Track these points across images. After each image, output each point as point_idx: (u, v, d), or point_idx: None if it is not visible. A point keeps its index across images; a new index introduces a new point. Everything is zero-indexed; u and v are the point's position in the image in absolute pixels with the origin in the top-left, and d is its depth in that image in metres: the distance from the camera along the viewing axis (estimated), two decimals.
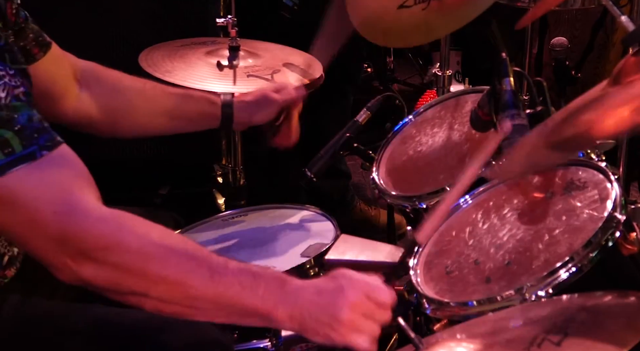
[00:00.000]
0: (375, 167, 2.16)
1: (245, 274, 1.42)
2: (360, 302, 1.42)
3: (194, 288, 1.39)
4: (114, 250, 1.38)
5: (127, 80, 2.03)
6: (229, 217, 2.17)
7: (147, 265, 1.39)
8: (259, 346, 1.85)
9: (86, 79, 1.98)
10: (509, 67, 1.84)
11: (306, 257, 1.93)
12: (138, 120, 2.03)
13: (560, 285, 1.46)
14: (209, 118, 2.06)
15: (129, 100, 2.01)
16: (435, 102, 2.31)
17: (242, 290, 1.40)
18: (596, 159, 1.72)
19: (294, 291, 1.43)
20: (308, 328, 1.42)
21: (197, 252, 1.42)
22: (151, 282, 1.39)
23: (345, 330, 1.41)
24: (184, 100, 2.05)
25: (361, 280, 1.45)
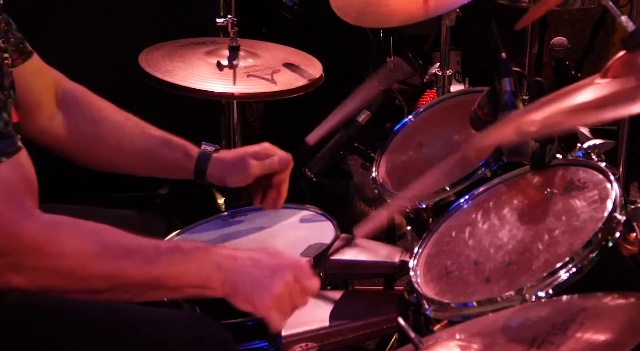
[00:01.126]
0: (375, 167, 2.16)
1: (177, 253, 1.53)
2: (292, 283, 1.54)
3: (130, 277, 1.49)
4: (52, 256, 1.44)
5: (108, 112, 1.96)
6: (229, 217, 2.17)
7: (84, 266, 1.46)
8: (259, 346, 1.85)
9: (66, 100, 1.93)
10: (509, 67, 1.84)
11: (306, 257, 1.92)
12: (107, 155, 1.97)
13: (561, 286, 1.46)
14: (182, 169, 1.98)
15: (102, 132, 1.95)
16: (435, 102, 2.31)
17: (176, 269, 1.51)
18: (596, 159, 1.72)
19: (228, 260, 1.54)
20: (239, 294, 1.53)
21: (129, 244, 1.51)
22: (89, 280, 1.48)
23: (272, 304, 1.53)
24: (160, 145, 1.97)
25: (296, 263, 1.60)
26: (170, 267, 1.51)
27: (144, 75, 2.39)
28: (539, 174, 1.76)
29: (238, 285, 1.53)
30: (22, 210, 1.44)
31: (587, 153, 1.74)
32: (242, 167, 1.97)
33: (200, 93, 2.35)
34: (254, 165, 1.97)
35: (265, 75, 2.41)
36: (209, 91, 2.35)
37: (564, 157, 1.75)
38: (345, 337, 1.76)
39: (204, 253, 1.55)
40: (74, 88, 1.96)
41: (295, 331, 1.73)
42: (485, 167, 1.90)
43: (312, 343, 1.71)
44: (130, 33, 2.82)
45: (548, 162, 1.74)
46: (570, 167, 1.71)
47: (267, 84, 2.37)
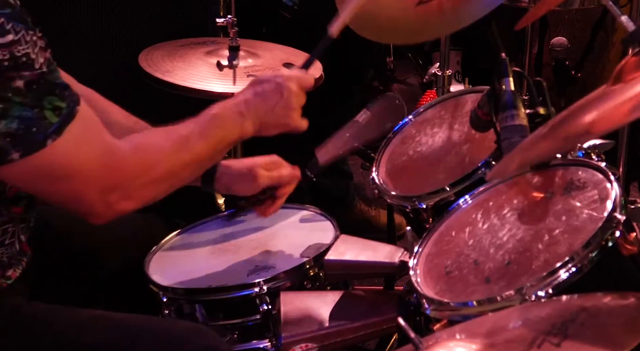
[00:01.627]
0: (375, 167, 2.16)
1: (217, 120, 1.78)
2: (297, 89, 1.85)
3: (202, 155, 1.75)
4: (148, 171, 1.64)
5: (117, 115, 1.97)
6: (229, 217, 2.17)
7: (173, 165, 1.69)
8: (259, 346, 1.85)
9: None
10: (509, 67, 1.84)
11: (306, 257, 1.93)
12: None
13: (560, 285, 1.46)
14: None
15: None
16: (435, 102, 2.31)
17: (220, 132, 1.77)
18: (596, 159, 1.72)
19: (247, 110, 1.81)
20: (269, 126, 1.84)
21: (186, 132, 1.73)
22: (180, 173, 1.72)
23: (296, 115, 1.86)
24: None
25: (287, 74, 1.88)
26: (219, 132, 1.76)
27: (144, 75, 2.39)
28: (539, 174, 1.76)
29: (264, 120, 1.81)
30: (112, 146, 1.59)
31: (587, 153, 1.74)
32: (250, 177, 1.99)
33: (200, 93, 2.35)
34: (262, 176, 2.00)
35: None
36: (209, 91, 2.35)
37: (564, 157, 1.75)
38: (345, 337, 1.76)
39: (229, 110, 1.80)
40: (83, 91, 1.92)
41: (295, 332, 1.73)
42: (485, 167, 1.90)
43: (312, 344, 1.72)
44: (130, 33, 2.82)
45: (548, 161, 1.74)
46: (570, 166, 1.71)
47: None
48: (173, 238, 2.07)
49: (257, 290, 1.83)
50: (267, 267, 1.92)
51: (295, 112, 1.84)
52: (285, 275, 1.87)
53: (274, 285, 1.85)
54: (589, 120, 1.41)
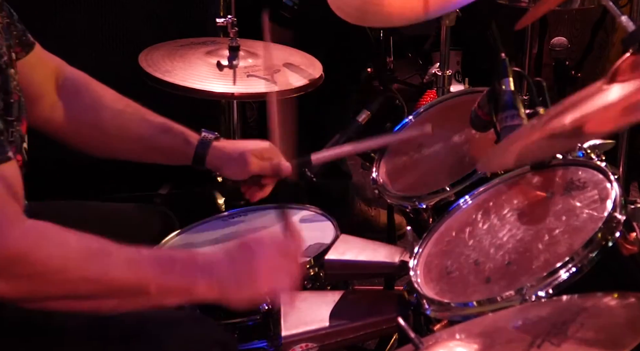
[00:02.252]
0: (375, 167, 2.16)
1: (161, 258, 1.52)
2: (272, 259, 1.54)
3: (114, 280, 1.45)
4: (36, 261, 1.40)
5: (108, 99, 1.95)
6: (229, 217, 2.17)
7: (68, 269, 1.43)
8: (259, 346, 1.85)
9: (68, 88, 1.93)
10: (509, 67, 1.84)
11: (306, 257, 1.93)
12: (107, 142, 1.96)
13: (561, 285, 1.46)
14: (181, 155, 1.98)
15: (103, 120, 1.94)
16: (435, 102, 2.31)
17: (160, 273, 1.48)
18: (596, 159, 1.72)
19: (208, 265, 1.52)
20: (229, 294, 1.52)
21: (112, 248, 1.47)
22: (73, 284, 1.44)
23: (265, 283, 1.53)
24: (160, 131, 1.97)
25: (267, 239, 1.59)
26: (155, 272, 1.48)
27: (144, 75, 2.39)
28: (539, 174, 1.76)
29: (224, 286, 1.51)
30: (6, 216, 1.40)
31: (587, 153, 1.74)
32: (241, 162, 1.97)
33: (200, 93, 2.35)
34: (253, 163, 1.97)
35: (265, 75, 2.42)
36: (209, 91, 2.35)
37: (563, 157, 1.75)
38: (345, 337, 1.76)
39: (187, 258, 1.54)
40: (75, 74, 1.95)
41: (295, 332, 1.72)
42: None
43: (312, 343, 1.71)
44: (130, 33, 2.82)
45: (548, 162, 1.74)
46: (570, 166, 1.71)
47: (267, 84, 2.37)
48: (173, 238, 2.07)
49: None
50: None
51: (262, 283, 1.54)
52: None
53: None
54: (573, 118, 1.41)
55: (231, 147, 2.00)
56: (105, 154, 2.01)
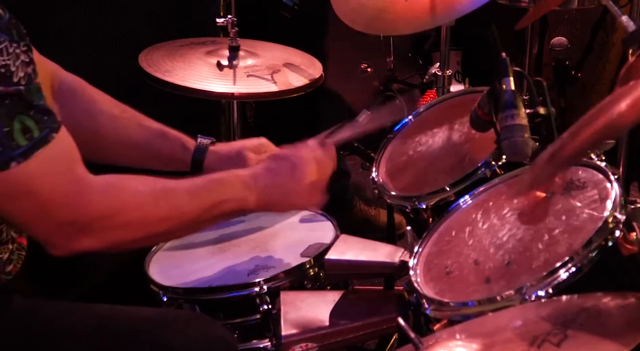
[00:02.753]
0: (375, 167, 2.16)
1: (214, 183, 1.69)
2: (311, 169, 1.77)
3: (185, 214, 1.62)
4: (117, 214, 1.53)
5: (104, 104, 1.93)
6: None
7: (146, 214, 1.57)
8: (259, 346, 1.85)
9: (63, 92, 1.90)
10: (509, 67, 1.84)
11: (306, 257, 1.93)
12: (103, 148, 1.93)
13: (560, 285, 1.46)
14: (179, 161, 1.97)
15: (99, 125, 1.92)
16: (435, 102, 2.31)
17: (217, 197, 1.67)
18: (596, 159, 1.72)
19: (254, 183, 1.72)
20: (276, 205, 1.77)
21: (170, 184, 1.63)
22: (152, 226, 1.59)
23: (307, 196, 1.78)
24: (156, 137, 1.96)
25: (304, 151, 1.80)
26: (213, 196, 1.66)
27: (144, 75, 2.39)
28: None
29: (272, 198, 1.74)
30: (82, 180, 1.50)
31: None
32: (239, 160, 1.97)
33: (200, 93, 2.36)
34: (251, 159, 1.98)
35: (265, 75, 2.42)
36: (209, 91, 2.35)
37: None
38: (345, 337, 1.76)
39: (234, 178, 1.71)
40: (70, 79, 1.93)
41: (295, 331, 1.73)
42: (485, 167, 1.90)
43: (312, 343, 1.71)
44: (130, 33, 2.82)
45: None
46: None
47: (267, 84, 2.37)
48: None
49: (257, 289, 1.83)
50: (267, 267, 1.91)
51: (306, 195, 1.78)
52: (285, 275, 1.87)
53: (274, 285, 1.85)
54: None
55: (227, 148, 2.01)
56: (101, 160, 1.96)
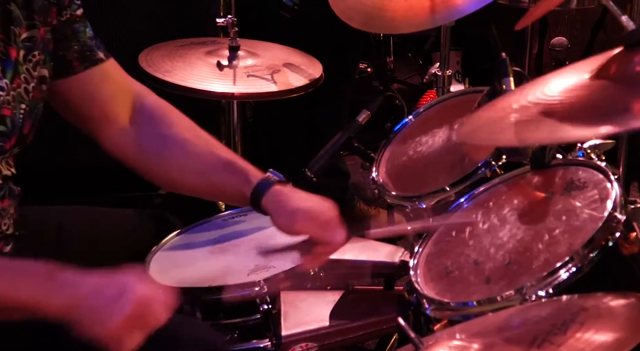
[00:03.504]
0: (375, 167, 2.16)
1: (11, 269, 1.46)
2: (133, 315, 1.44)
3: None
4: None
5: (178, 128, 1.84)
6: (229, 217, 2.17)
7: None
8: (259, 346, 1.85)
9: (142, 115, 1.84)
10: (509, 67, 1.84)
11: None
12: (170, 173, 1.85)
13: (560, 285, 1.46)
14: (238, 194, 1.80)
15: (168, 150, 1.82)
16: (435, 102, 2.31)
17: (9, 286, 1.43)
18: (596, 159, 1.72)
19: (68, 285, 1.45)
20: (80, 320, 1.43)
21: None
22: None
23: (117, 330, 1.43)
24: (223, 166, 1.82)
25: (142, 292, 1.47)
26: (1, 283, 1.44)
27: (144, 75, 2.39)
28: (539, 174, 1.76)
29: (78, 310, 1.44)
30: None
31: (587, 153, 1.74)
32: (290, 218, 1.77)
33: (200, 93, 2.35)
34: (302, 224, 1.75)
35: (265, 75, 2.42)
36: (209, 91, 2.35)
37: (563, 157, 1.75)
38: (345, 337, 1.76)
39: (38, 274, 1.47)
40: (154, 102, 1.87)
41: (295, 331, 1.73)
42: (485, 167, 1.90)
43: (312, 343, 1.72)
44: (130, 33, 2.81)
45: (548, 161, 1.74)
46: (570, 166, 1.71)
47: (267, 84, 2.37)
48: (173, 238, 2.07)
49: (257, 289, 1.83)
50: (267, 267, 1.91)
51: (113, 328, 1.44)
52: (285, 275, 1.87)
53: (274, 284, 1.85)
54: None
55: (287, 198, 1.79)
56: (168, 187, 1.93)
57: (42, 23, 1.68)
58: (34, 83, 1.67)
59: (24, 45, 1.64)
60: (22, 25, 1.64)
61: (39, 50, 1.67)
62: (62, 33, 1.74)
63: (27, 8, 1.65)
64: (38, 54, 1.67)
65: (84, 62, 1.79)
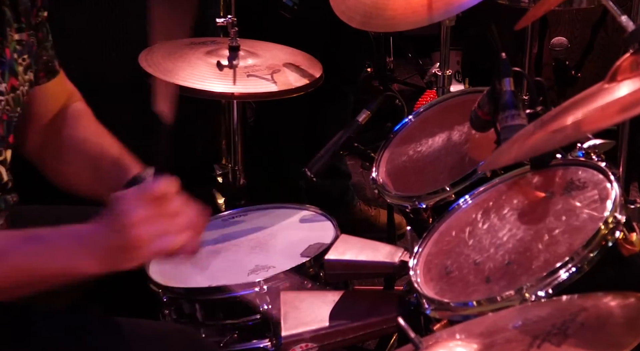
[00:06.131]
0: (375, 167, 2.16)
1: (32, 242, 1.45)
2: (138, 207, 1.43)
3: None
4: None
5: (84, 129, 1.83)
6: (229, 217, 2.17)
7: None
8: (259, 346, 1.86)
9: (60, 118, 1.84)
10: (509, 67, 1.84)
11: (306, 257, 1.93)
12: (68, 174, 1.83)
13: (560, 285, 1.46)
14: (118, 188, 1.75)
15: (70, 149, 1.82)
16: (435, 102, 2.31)
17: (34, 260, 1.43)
18: (596, 159, 1.72)
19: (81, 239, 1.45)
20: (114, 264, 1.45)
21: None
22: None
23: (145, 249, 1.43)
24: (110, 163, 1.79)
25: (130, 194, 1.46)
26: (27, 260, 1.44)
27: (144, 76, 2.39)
28: (539, 174, 1.76)
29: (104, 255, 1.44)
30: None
31: (587, 153, 1.74)
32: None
33: (200, 93, 2.35)
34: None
35: (265, 75, 2.42)
36: (209, 91, 2.35)
37: (563, 157, 1.75)
38: (345, 337, 1.76)
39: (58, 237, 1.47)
40: (75, 108, 1.87)
41: (295, 332, 1.73)
42: None
43: (312, 343, 1.72)
44: (130, 33, 2.82)
45: (548, 161, 1.74)
46: (570, 166, 1.71)
47: (267, 84, 2.37)
48: None
49: (257, 289, 1.83)
50: (267, 267, 1.92)
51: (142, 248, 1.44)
52: (285, 275, 1.87)
53: (274, 284, 1.85)
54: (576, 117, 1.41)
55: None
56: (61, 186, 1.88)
57: (27, 26, 1.66)
58: (26, 87, 1.66)
59: (16, 49, 1.63)
60: (13, 27, 1.63)
61: (27, 53, 1.66)
62: (36, 36, 1.71)
63: (15, 10, 1.64)
64: (27, 57, 1.66)
65: (47, 74, 1.79)
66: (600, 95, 1.43)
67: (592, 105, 1.41)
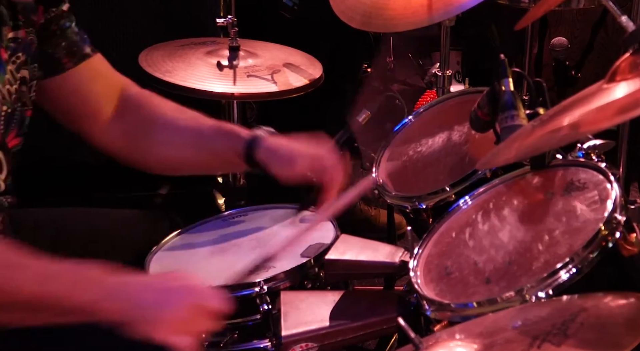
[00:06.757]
0: (375, 167, 2.16)
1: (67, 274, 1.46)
2: (185, 307, 1.47)
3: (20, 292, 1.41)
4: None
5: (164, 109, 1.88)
6: (229, 217, 2.17)
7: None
8: (259, 346, 1.85)
9: (127, 106, 1.87)
10: (509, 67, 1.84)
11: (306, 257, 1.93)
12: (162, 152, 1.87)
13: (561, 286, 1.46)
14: (233, 155, 1.85)
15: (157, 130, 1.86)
16: (435, 102, 2.31)
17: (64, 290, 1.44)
18: (596, 159, 1.72)
19: (119, 288, 1.46)
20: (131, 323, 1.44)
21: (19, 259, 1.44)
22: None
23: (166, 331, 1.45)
24: (211, 132, 1.85)
25: (191, 285, 1.51)
26: (60, 287, 1.44)
27: (144, 75, 2.39)
28: (539, 174, 1.76)
29: (128, 313, 1.45)
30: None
31: (587, 154, 1.74)
32: (289, 162, 1.83)
33: (200, 93, 2.36)
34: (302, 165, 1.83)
35: (265, 75, 2.42)
36: (209, 91, 2.36)
37: (564, 158, 1.75)
38: (345, 337, 1.76)
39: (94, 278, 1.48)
40: (138, 92, 1.90)
41: (295, 331, 1.73)
42: None
43: (312, 343, 1.71)
44: (130, 33, 2.82)
45: (548, 162, 1.74)
46: (570, 167, 1.71)
47: (267, 84, 2.38)
48: (173, 238, 2.07)
49: (257, 289, 1.83)
50: (267, 267, 1.91)
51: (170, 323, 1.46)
52: (285, 275, 1.87)
53: (274, 285, 1.85)
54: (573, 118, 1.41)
55: (282, 146, 1.85)
56: (164, 169, 1.94)
57: (25, 24, 1.67)
58: (16, 85, 1.66)
59: (9, 46, 1.64)
60: (8, 25, 1.64)
61: (22, 51, 1.67)
62: (49, 30, 1.73)
63: (12, 8, 1.64)
64: (21, 55, 1.66)
65: (73, 58, 1.80)
66: (598, 96, 1.43)
67: (589, 106, 1.41)
